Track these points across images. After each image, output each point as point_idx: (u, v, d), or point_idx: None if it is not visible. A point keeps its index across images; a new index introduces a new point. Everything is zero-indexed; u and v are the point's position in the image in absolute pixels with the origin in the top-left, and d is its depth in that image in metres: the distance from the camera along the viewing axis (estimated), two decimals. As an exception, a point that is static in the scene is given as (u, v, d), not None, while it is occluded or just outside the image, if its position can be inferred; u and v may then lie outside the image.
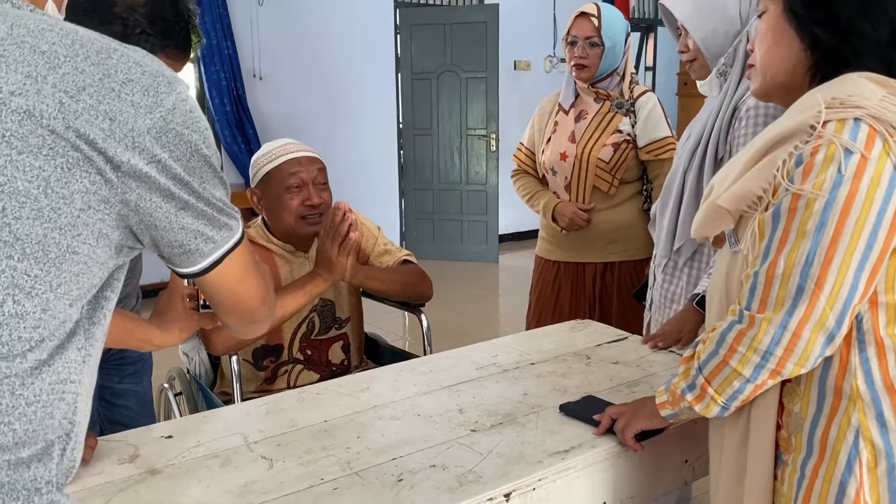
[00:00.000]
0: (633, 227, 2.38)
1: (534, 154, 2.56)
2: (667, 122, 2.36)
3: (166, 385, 2.04)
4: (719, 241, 1.14)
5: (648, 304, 2.04)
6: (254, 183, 1.92)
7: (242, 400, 1.77)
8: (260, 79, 5.59)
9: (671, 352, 1.73)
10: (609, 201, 2.39)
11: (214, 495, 1.14)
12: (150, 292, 1.91)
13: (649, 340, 1.78)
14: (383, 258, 2.05)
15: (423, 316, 2.12)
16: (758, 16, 1.11)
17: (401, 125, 6.38)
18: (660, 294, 1.96)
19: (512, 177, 2.65)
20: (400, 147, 6.43)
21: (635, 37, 7.70)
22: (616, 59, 2.34)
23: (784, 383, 1.05)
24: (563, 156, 2.40)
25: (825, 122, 0.94)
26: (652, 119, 2.34)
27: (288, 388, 1.89)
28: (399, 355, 2.15)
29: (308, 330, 1.98)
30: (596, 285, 2.44)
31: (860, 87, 0.96)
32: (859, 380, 0.98)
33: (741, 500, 1.09)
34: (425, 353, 2.06)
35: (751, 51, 1.14)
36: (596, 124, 2.37)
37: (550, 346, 1.78)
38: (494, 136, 6.17)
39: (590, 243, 2.42)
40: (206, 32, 5.17)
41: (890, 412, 0.97)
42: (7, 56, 0.68)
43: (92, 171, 0.70)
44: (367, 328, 2.20)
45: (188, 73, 5.41)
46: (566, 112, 2.44)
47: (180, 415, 1.93)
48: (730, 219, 1.06)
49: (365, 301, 2.14)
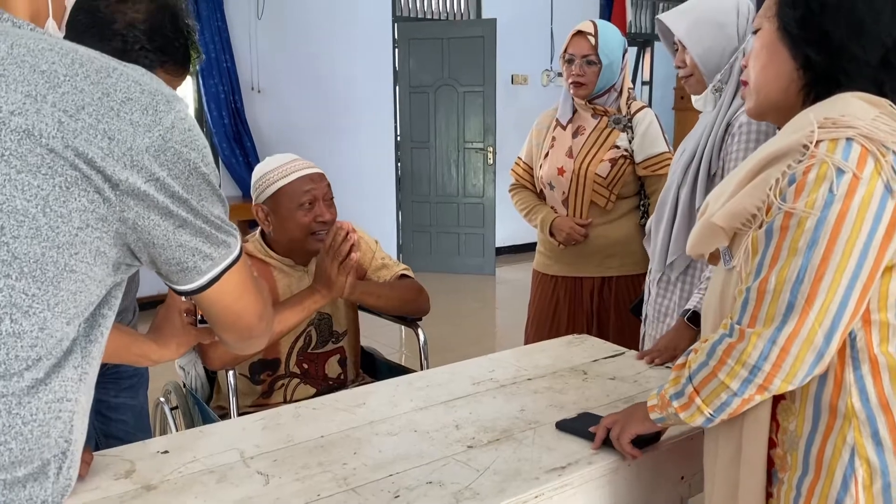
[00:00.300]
0: (631, 242, 2.39)
1: (531, 168, 2.56)
2: (664, 138, 2.37)
3: (162, 399, 2.03)
4: (714, 259, 1.14)
5: (644, 319, 2.04)
6: (261, 199, 1.91)
7: (239, 414, 1.77)
8: (258, 92, 5.61)
9: (667, 367, 1.73)
10: (606, 216, 2.40)
11: (210, 512, 1.14)
12: (148, 305, 1.91)
13: (645, 356, 1.78)
14: (381, 272, 2.06)
15: (420, 330, 2.12)
16: (753, 32, 1.12)
17: (398, 138, 6.40)
18: (654, 308, 1.97)
19: (510, 191, 2.66)
20: (397, 160, 6.45)
21: (632, 51, 7.74)
22: (613, 76, 2.35)
23: (779, 400, 1.05)
24: (561, 171, 2.41)
25: (818, 142, 0.95)
26: (649, 135, 2.35)
27: (284, 403, 1.88)
28: (396, 370, 2.15)
29: (305, 343, 1.98)
30: (594, 299, 2.45)
31: (852, 107, 0.97)
32: (854, 398, 0.98)
33: (735, 516, 1.09)
34: (422, 367, 2.07)
35: (745, 67, 1.16)
36: (593, 140, 2.39)
37: (547, 362, 1.78)
38: (492, 150, 6.19)
39: (587, 258, 2.43)
40: (205, 45, 5.19)
41: (885, 430, 0.97)
42: (7, 75, 0.68)
43: (90, 190, 0.70)
44: (364, 341, 2.20)
45: (186, 86, 5.43)
46: (563, 127, 2.46)
47: (176, 429, 1.92)
48: (724, 236, 1.07)
49: (361, 314, 2.14)
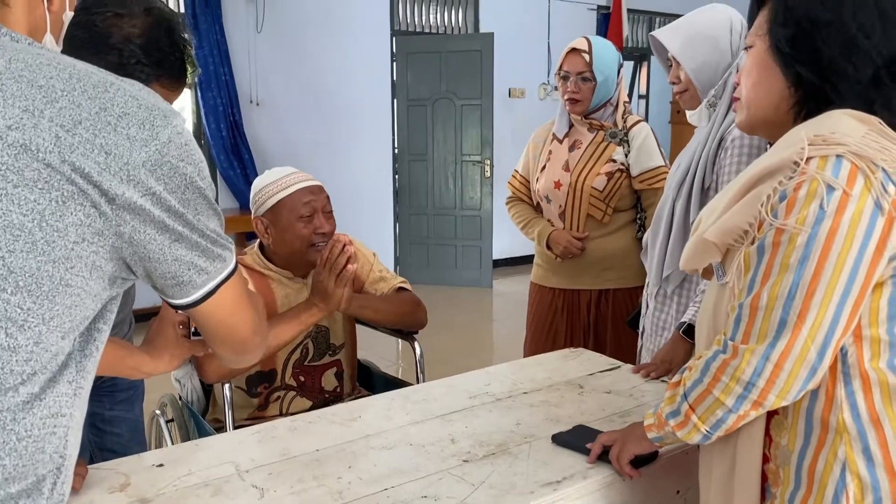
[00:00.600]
0: (628, 255, 2.40)
1: (528, 182, 2.58)
2: (660, 152, 2.39)
3: (158, 412, 2.03)
4: (708, 274, 1.15)
5: (641, 332, 2.04)
6: (261, 211, 1.91)
7: (234, 427, 1.76)
8: (257, 104, 5.63)
9: (663, 381, 1.73)
10: (603, 229, 2.41)
11: (204, 526, 1.13)
12: (143, 317, 1.90)
13: (641, 370, 1.78)
14: (378, 285, 2.06)
15: (417, 343, 2.12)
16: (745, 49, 1.13)
17: (396, 151, 6.42)
18: (651, 322, 1.97)
19: (507, 204, 2.67)
20: (395, 172, 6.46)
21: (629, 65, 7.78)
22: (609, 92, 2.37)
23: (771, 415, 1.05)
24: (558, 184, 2.42)
25: (808, 159, 0.96)
26: (645, 149, 2.36)
27: (280, 416, 1.88)
28: (392, 383, 2.15)
29: (302, 356, 1.98)
30: (591, 312, 2.45)
31: (843, 125, 0.98)
32: (845, 413, 0.98)
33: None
34: (418, 380, 2.06)
35: (737, 84, 1.16)
36: (590, 154, 2.40)
37: (543, 375, 1.78)
38: (489, 163, 6.21)
39: (584, 270, 2.44)
40: (204, 58, 5.20)
41: (876, 445, 0.97)
42: (5, 90, 0.69)
43: (86, 204, 0.70)
44: (360, 354, 2.20)
45: (185, 99, 5.44)
46: (560, 141, 2.47)
47: (172, 442, 1.92)
48: (717, 252, 1.08)
49: (359, 327, 2.14)
